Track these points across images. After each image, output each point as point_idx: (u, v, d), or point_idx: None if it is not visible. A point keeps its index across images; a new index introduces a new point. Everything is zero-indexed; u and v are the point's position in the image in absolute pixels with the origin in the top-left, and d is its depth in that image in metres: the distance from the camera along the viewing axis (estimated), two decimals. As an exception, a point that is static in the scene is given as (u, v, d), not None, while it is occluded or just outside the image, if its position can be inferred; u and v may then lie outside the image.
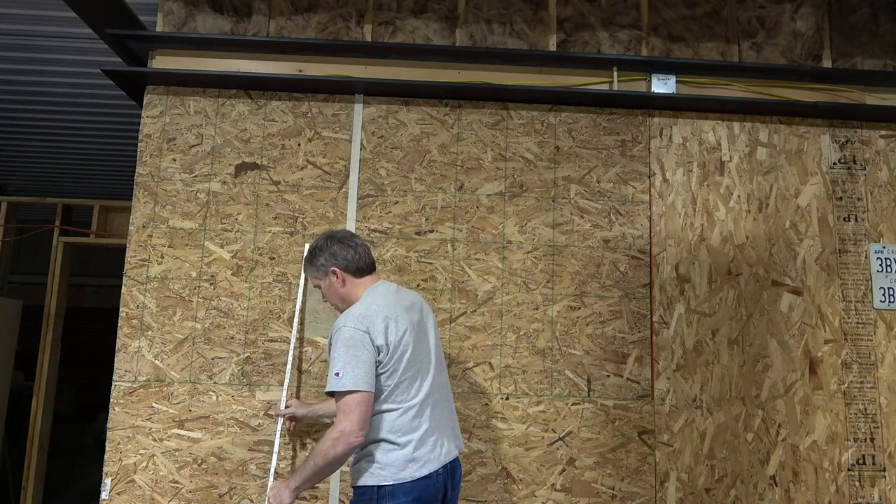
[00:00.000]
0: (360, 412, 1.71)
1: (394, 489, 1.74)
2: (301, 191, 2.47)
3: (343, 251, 1.92)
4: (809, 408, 2.44)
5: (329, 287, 1.94)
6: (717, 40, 2.68)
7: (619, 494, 2.33)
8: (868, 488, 2.40)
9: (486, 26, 2.64)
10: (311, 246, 1.99)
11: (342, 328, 1.78)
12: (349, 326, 1.78)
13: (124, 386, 2.32)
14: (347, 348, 1.75)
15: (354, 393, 1.71)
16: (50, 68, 3.21)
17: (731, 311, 2.48)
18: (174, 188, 2.45)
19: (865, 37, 2.73)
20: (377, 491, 1.74)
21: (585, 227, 2.50)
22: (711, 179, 2.57)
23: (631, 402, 2.40)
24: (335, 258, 1.91)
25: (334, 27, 2.61)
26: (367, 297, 1.88)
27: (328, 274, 1.92)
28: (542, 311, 2.44)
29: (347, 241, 1.94)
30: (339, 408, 1.73)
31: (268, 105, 2.53)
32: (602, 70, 2.58)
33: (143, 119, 2.50)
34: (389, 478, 1.75)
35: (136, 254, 2.41)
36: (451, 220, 2.48)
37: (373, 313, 1.81)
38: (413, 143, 2.53)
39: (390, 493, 1.74)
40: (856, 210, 2.59)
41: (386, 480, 1.74)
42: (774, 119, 2.62)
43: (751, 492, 2.37)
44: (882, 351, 2.50)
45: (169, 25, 2.59)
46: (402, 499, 1.74)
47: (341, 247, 1.92)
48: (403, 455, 1.77)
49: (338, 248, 1.92)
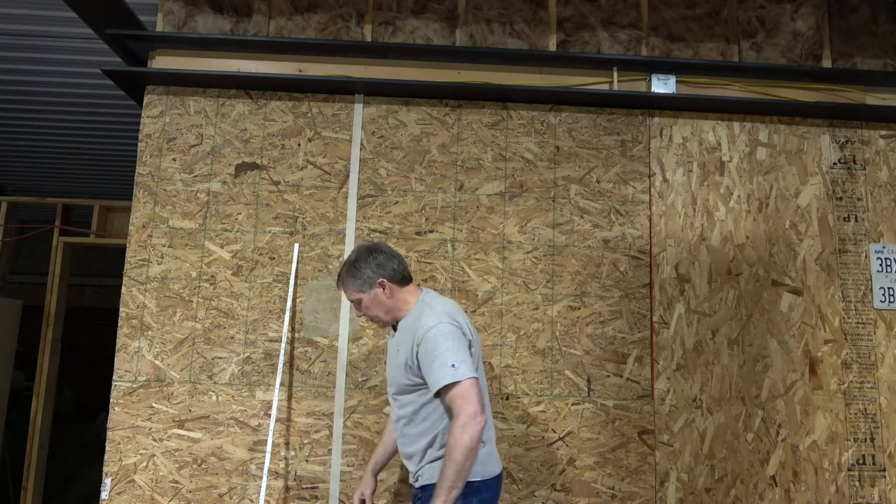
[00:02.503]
0: (478, 395, 1.69)
1: (480, 485, 1.75)
2: (301, 191, 2.47)
3: (388, 262, 1.89)
4: (809, 408, 2.44)
5: (374, 299, 1.88)
6: (717, 40, 2.68)
7: (619, 494, 2.33)
8: (868, 488, 2.40)
9: (486, 26, 2.64)
10: (349, 259, 1.93)
11: (438, 325, 1.77)
12: (445, 322, 1.77)
13: (124, 386, 2.32)
14: (453, 341, 1.74)
15: (470, 379, 1.70)
16: (50, 68, 3.21)
17: (731, 311, 2.48)
18: (174, 188, 2.45)
19: (865, 37, 2.73)
20: (466, 486, 1.69)
21: (585, 227, 2.50)
22: (711, 179, 2.57)
23: (631, 402, 2.40)
24: (383, 269, 1.88)
25: (334, 27, 2.61)
26: (431, 300, 1.89)
27: (374, 286, 1.87)
28: (542, 311, 2.44)
29: (389, 252, 1.93)
30: (456, 396, 1.69)
31: (268, 105, 2.53)
32: (602, 70, 2.58)
33: (143, 119, 2.50)
34: (478, 474, 1.74)
35: (136, 254, 2.41)
36: (451, 220, 2.48)
37: (454, 311, 1.86)
38: (413, 143, 2.53)
39: (477, 489, 1.74)
40: (856, 210, 2.59)
41: (474, 476, 1.72)
42: (774, 119, 2.62)
43: (751, 492, 2.37)
44: (882, 351, 2.50)
45: (169, 25, 2.59)
46: (486, 494, 1.77)
47: (386, 258, 1.90)
48: (487, 452, 1.79)
49: (383, 258, 1.89)
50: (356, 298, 1.91)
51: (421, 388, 1.81)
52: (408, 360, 1.81)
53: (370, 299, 1.89)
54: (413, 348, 1.79)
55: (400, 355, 1.85)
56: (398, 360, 1.86)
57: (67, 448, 5.51)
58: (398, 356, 1.87)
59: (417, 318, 1.84)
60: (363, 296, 1.89)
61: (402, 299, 1.89)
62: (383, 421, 2.33)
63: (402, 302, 1.90)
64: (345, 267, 1.93)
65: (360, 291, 1.89)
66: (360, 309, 1.92)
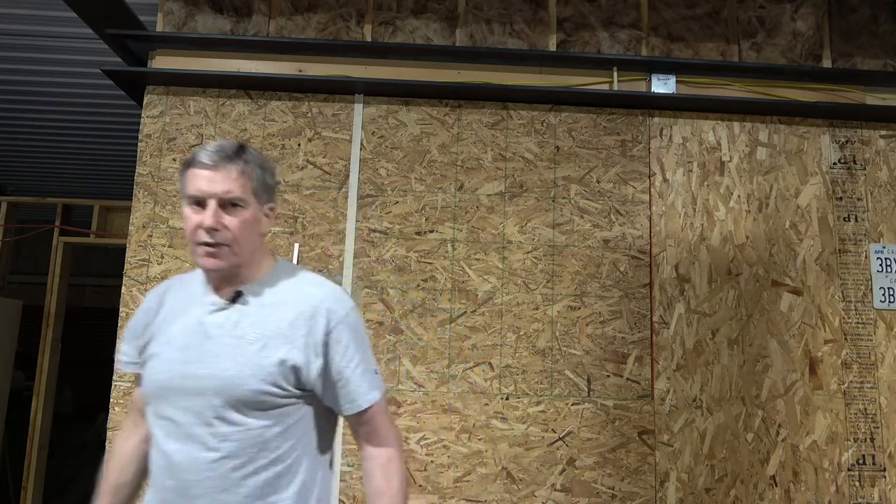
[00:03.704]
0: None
1: None
2: (301, 191, 2.47)
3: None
4: (809, 408, 2.44)
5: (255, 220, 1.26)
6: (717, 40, 2.68)
7: (619, 494, 2.33)
8: (868, 488, 2.40)
9: (486, 26, 2.64)
10: (259, 155, 1.30)
11: (354, 307, 1.31)
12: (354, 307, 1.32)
13: (124, 386, 2.32)
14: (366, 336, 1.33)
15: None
16: (50, 68, 3.21)
17: (731, 311, 2.48)
18: (174, 188, 2.45)
19: (865, 37, 2.73)
20: None
21: (585, 227, 2.50)
22: (711, 179, 2.57)
23: (631, 402, 2.40)
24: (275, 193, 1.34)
25: (334, 27, 2.61)
26: (299, 268, 1.39)
27: (266, 204, 1.30)
28: (542, 311, 2.44)
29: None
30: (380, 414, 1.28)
31: (268, 105, 2.53)
32: (602, 70, 2.58)
33: (143, 119, 2.50)
34: None
35: (136, 254, 2.41)
36: (451, 220, 2.48)
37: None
38: (413, 143, 2.53)
39: None
40: (856, 210, 2.59)
41: None
42: (774, 119, 2.62)
43: (751, 492, 2.37)
44: (882, 351, 2.50)
45: (169, 25, 2.59)
46: None
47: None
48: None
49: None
50: (240, 198, 1.22)
51: (298, 399, 1.23)
52: (289, 352, 1.21)
53: (252, 217, 1.25)
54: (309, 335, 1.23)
55: (256, 343, 1.21)
56: (249, 352, 1.20)
57: (67, 448, 5.51)
58: (248, 344, 1.21)
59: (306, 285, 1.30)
60: (250, 206, 1.24)
61: (263, 250, 1.31)
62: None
63: (262, 252, 1.31)
64: (248, 150, 1.28)
65: (254, 195, 1.25)
66: (226, 218, 1.21)
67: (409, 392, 2.35)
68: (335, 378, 1.24)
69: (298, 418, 1.23)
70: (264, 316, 1.24)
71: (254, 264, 1.28)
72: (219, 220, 1.20)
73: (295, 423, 1.22)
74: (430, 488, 2.29)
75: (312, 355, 1.22)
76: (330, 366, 1.24)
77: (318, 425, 1.28)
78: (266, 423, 1.19)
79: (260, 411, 1.19)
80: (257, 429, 1.18)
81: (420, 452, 2.32)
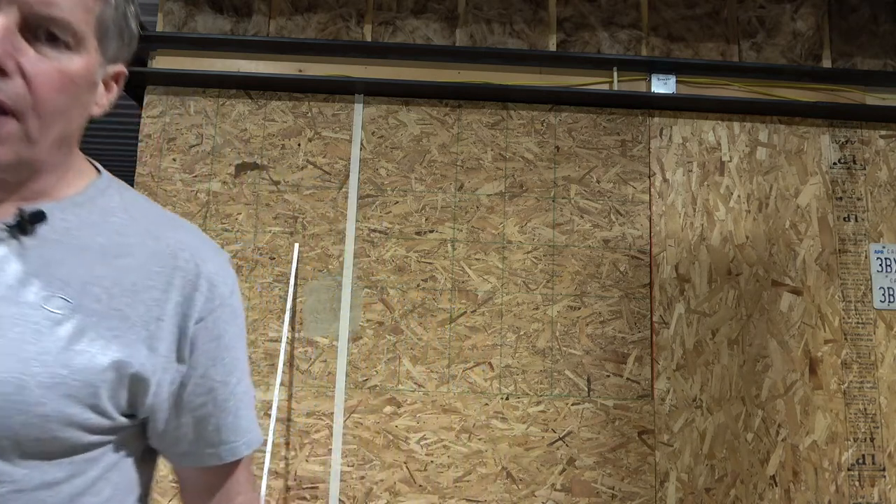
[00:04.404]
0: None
1: None
2: (301, 191, 2.47)
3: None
4: (809, 408, 2.44)
5: (87, 86, 0.64)
6: (717, 40, 2.68)
7: (619, 494, 2.33)
8: (868, 488, 2.40)
9: (486, 26, 2.64)
10: None
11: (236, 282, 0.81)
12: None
13: None
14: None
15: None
16: (50, 68, 3.21)
17: (731, 311, 2.48)
18: (174, 188, 2.45)
19: (865, 37, 2.73)
20: None
21: (585, 227, 2.50)
22: (711, 179, 2.57)
23: (631, 402, 2.40)
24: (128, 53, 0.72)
25: (334, 27, 2.62)
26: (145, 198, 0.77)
27: (118, 67, 0.70)
28: (542, 311, 2.44)
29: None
30: (248, 462, 0.78)
31: (268, 105, 2.53)
32: (602, 70, 2.58)
33: (143, 119, 2.50)
34: None
35: (136, 254, 2.40)
36: (451, 220, 2.48)
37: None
38: (413, 143, 2.53)
39: None
40: (856, 210, 2.59)
41: None
42: (774, 119, 2.62)
43: (751, 492, 2.37)
44: (882, 351, 2.50)
45: (169, 25, 2.59)
46: None
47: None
48: None
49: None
50: (69, 26, 0.59)
51: (113, 437, 0.65)
52: (128, 347, 0.63)
53: (84, 70, 0.62)
54: (166, 317, 0.66)
55: (63, 323, 0.60)
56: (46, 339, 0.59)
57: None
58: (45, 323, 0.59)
59: (164, 224, 0.72)
60: (85, 53, 0.62)
61: (79, 153, 0.70)
62: (384, 421, 2.33)
63: (78, 156, 0.70)
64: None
65: (97, 33, 0.63)
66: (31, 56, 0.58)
67: (409, 392, 2.35)
68: (198, 402, 0.70)
69: (105, 470, 0.65)
70: (83, 269, 0.63)
71: (65, 168, 0.66)
72: (12, 52, 0.57)
73: (100, 478, 0.64)
74: (430, 488, 2.29)
75: (170, 354, 0.67)
76: (193, 379, 0.69)
77: (134, 479, 0.70)
78: (50, 480, 0.60)
79: (44, 458, 0.60)
80: (32, 490, 0.59)
81: (420, 452, 2.32)
